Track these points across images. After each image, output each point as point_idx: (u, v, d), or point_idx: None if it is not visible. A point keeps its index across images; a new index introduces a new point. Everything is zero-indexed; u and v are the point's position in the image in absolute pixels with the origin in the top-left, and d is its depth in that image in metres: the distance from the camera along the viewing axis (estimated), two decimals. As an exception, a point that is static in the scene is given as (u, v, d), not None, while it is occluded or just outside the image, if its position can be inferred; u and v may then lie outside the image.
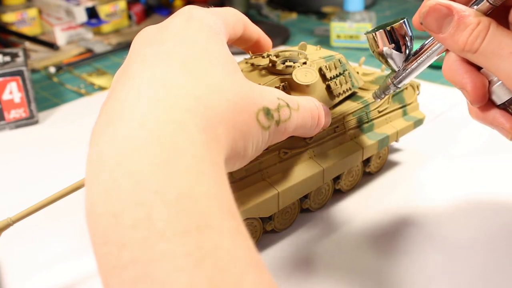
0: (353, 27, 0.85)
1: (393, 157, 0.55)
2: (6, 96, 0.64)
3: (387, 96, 0.49)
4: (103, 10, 0.94)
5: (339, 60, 0.46)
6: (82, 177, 0.40)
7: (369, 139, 0.48)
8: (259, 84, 0.42)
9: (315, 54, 0.46)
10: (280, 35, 0.91)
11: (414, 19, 0.36)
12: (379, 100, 0.42)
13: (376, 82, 0.51)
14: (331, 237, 0.45)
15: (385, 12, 1.04)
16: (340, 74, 0.46)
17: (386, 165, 0.54)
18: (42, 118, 0.69)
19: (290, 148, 0.43)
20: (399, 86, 0.40)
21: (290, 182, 0.42)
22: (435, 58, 0.38)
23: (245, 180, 0.40)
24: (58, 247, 0.45)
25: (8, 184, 0.55)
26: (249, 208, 0.39)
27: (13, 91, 0.65)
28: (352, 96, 0.49)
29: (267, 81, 0.43)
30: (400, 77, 0.39)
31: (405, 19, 0.37)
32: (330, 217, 0.47)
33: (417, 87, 0.53)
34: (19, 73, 0.64)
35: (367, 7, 1.05)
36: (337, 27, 0.86)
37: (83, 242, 0.45)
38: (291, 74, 0.42)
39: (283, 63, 0.44)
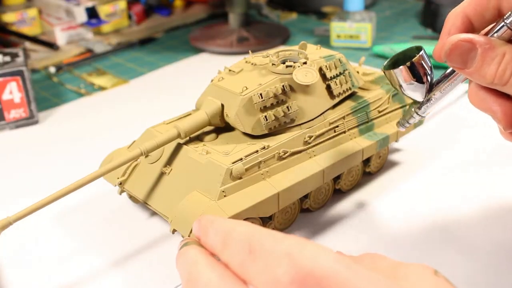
0: (353, 27, 0.85)
1: (393, 157, 0.55)
2: (6, 96, 0.64)
3: (386, 97, 0.49)
4: (103, 10, 0.94)
5: (339, 60, 0.46)
6: (81, 177, 0.40)
7: (369, 139, 0.48)
8: (259, 84, 0.42)
9: (315, 53, 0.46)
10: (280, 35, 0.91)
11: (436, 54, 0.35)
12: (403, 129, 0.41)
13: (376, 82, 0.51)
14: (331, 237, 0.45)
15: (385, 12, 1.04)
16: (340, 74, 0.46)
17: (386, 165, 0.54)
18: (42, 118, 0.69)
19: (290, 148, 0.43)
20: (424, 115, 0.39)
21: (290, 182, 0.42)
22: (459, 85, 0.37)
23: (245, 180, 0.40)
24: (58, 247, 0.45)
25: (8, 184, 0.55)
26: (249, 208, 0.39)
27: (13, 91, 0.65)
28: (352, 96, 0.49)
29: (267, 81, 0.43)
30: (424, 107, 0.38)
31: (422, 50, 0.36)
32: (330, 217, 0.47)
33: None
34: (19, 73, 0.64)
35: (367, 7, 1.05)
36: (337, 27, 0.86)
37: (83, 242, 0.46)
38: (291, 74, 0.42)
39: (283, 63, 0.44)
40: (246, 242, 0.26)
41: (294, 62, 0.43)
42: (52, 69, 0.82)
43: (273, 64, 0.44)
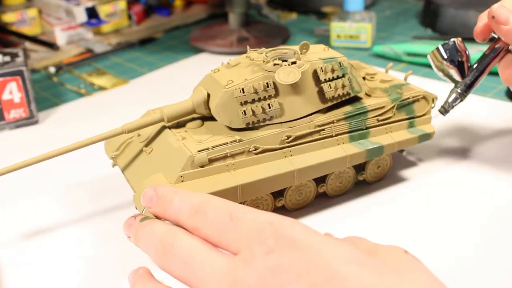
0: (353, 27, 0.85)
1: (398, 169, 0.53)
2: (6, 96, 0.64)
3: (390, 106, 0.49)
4: (103, 10, 0.94)
5: (339, 63, 0.45)
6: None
7: (358, 147, 0.46)
8: (245, 79, 0.43)
9: (318, 54, 0.46)
10: (280, 35, 0.91)
11: (478, 30, 0.48)
12: (446, 114, 0.50)
13: (386, 90, 0.49)
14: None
15: (385, 12, 1.04)
16: (337, 77, 0.45)
17: (387, 176, 0.52)
18: (42, 118, 0.69)
19: (265, 145, 0.43)
20: (466, 94, 0.49)
21: (253, 177, 0.42)
22: (496, 62, 0.48)
23: (208, 169, 0.41)
24: (49, 217, 0.46)
25: (7, 184, 0.55)
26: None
27: (13, 91, 0.65)
28: (354, 101, 0.48)
29: (254, 77, 0.43)
30: (464, 86, 0.48)
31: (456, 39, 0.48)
32: (311, 219, 0.47)
33: (433, 100, 0.51)
34: (19, 73, 0.64)
35: (367, 7, 1.05)
36: (337, 27, 0.86)
37: (73, 214, 0.46)
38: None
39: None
40: (227, 211, 0.29)
41: (283, 61, 0.43)
42: (52, 69, 0.82)
43: (263, 61, 0.44)
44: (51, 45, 0.88)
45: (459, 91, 0.48)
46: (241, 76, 0.43)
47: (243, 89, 0.42)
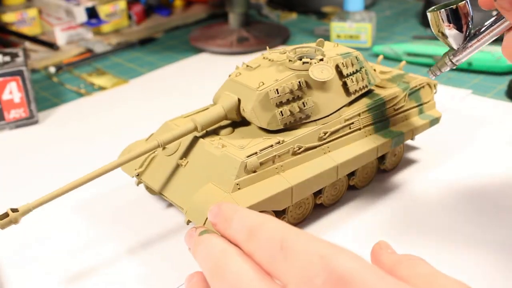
0: (353, 27, 0.85)
1: (409, 155, 0.55)
2: (6, 96, 0.64)
3: (403, 95, 0.48)
4: (103, 10, 0.94)
5: (356, 58, 0.46)
6: (84, 175, 0.40)
7: (384, 137, 0.48)
8: (276, 79, 0.43)
9: (332, 50, 0.47)
10: (280, 35, 0.91)
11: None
12: (434, 77, 0.44)
13: (393, 80, 0.51)
14: (343, 232, 0.45)
15: (385, 12, 1.04)
16: (356, 71, 0.46)
17: (401, 163, 0.54)
18: (42, 118, 0.69)
19: (305, 143, 0.43)
20: (456, 63, 0.42)
21: (303, 177, 0.42)
22: (495, 38, 0.41)
23: (259, 174, 0.41)
24: (74, 237, 0.46)
25: (7, 184, 0.55)
26: (263, 201, 0.40)
27: (13, 91, 0.65)
28: (368, 93, 0.49)
29: (284, 77, 0.43)
30: (458, 55, 0.42)
31: (466, 0, 0.39)
32: (343, 213, 0.47)
33: (434, 86, 0.53)
34: (19, 73, 0.64)
35: (367, 7, 1.05)
36: (337, 27, 0.86)
37: (99, 232, 0.46)
38: (307, 70, 0.43)
39: (300, 59, 0.44)
40: (278, 238, 0.27)
41: (311, 59, 0.44)
42: (52, 69, 0.82)
43: (290, 61, 0.44)
44: (51, 45, 0.88)
45: (452, 60, 0.43)
46: (268, 77, 0.43)
47: (277, 90, 0.42)
